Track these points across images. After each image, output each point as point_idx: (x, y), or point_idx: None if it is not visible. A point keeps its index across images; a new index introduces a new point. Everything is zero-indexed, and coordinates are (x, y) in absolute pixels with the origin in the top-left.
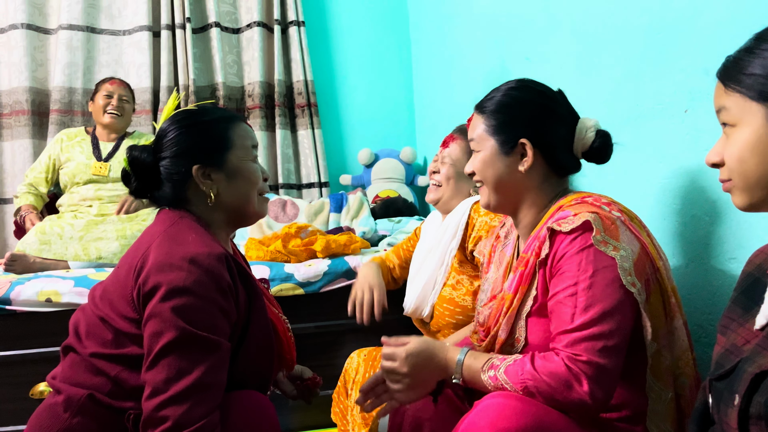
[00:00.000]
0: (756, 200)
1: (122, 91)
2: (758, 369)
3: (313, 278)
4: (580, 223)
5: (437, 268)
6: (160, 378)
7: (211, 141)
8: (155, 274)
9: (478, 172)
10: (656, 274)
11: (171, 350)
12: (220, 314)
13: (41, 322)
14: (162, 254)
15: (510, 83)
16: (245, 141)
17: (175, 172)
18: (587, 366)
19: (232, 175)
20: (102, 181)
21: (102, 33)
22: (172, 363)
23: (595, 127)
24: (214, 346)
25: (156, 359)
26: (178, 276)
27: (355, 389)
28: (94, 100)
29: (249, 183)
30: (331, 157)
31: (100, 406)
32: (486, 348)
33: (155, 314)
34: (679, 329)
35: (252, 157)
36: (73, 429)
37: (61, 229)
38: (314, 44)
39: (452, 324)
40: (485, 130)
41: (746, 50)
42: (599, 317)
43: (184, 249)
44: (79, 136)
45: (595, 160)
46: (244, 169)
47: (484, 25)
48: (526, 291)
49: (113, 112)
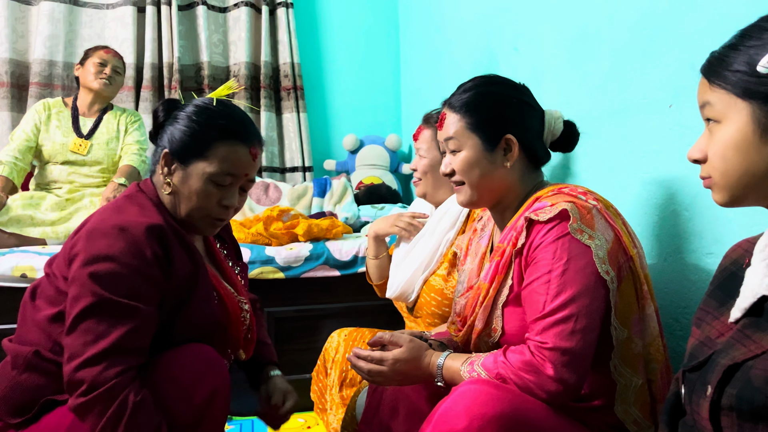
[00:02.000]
0: (736, 197)
1: (116, 62)
2: (731, 361)
3: (294, 262)
4: (557, 212)
5: (431, 254)
6: (78, 342)
7: (193, 140)
8: (83, 240)
9: (461, 173)
10: (629, 262)
11: (87, 315)
12: (143, 281)
13: (16, 297)
14: (98, 221)
15: (479, 80)
16: (224, 165)
17: (158, 143)
18: (552, 352)
19: (186, 180)
20: (78, 163)
21: (85, 6)
22: (89, 327)
23: (561, 117)
24: (132, 310)
25: (74, 324)
26: (102, 243)
27: (335, 368)
28: (83, 65)
29: (193, 198)
30: (315, 141)
31: (45, 361)
32: (463, 338)
33: (74, 279)
34: (650, 316)
35: (220, 180)
36: (22, 384)
37: (33, 209)
38: (302, 27)
39: (437, 314)
40: (465, 127)
41: (730, 46)
42: (568, 301)
43: (119, 218)
44: (56, 108)
45: (562, 149)
46: (199, 186)
47: (472, 14)
48: (502, 281)
49: (104, 79)
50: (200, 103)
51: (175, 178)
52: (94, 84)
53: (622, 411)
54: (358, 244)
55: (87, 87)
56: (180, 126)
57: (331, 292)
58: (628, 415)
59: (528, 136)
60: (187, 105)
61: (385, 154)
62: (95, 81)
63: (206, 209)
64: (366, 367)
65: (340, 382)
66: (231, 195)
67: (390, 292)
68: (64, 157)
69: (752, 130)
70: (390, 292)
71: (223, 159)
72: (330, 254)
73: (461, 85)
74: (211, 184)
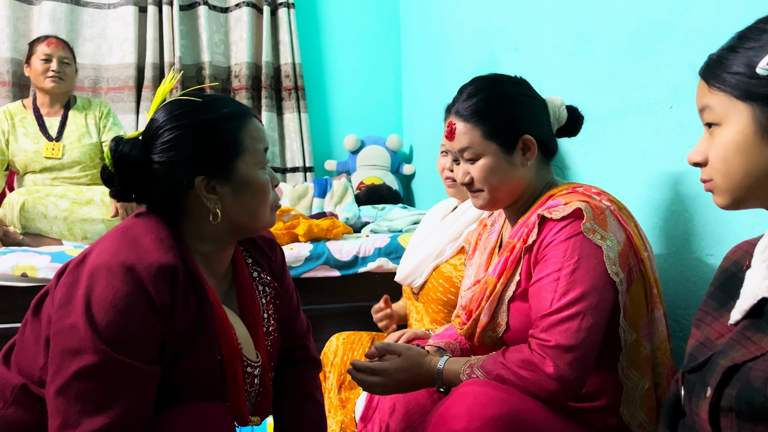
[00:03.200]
0: (737, 200)
1: (61, 53)
2: (730, 362)
3: (294, 262)
4: (570, 210)
5: (446, 244)
6: (74, 410)
7: (218, 146)
8: (85, 278)
9: (481, 181)
10: (640, 265)
11: (87, 376)
12: (150, 334)
13: (16, 296)
14: (106, 255)
15: (481, 83)
16: (257, 144)
17: (173, 180)
18: (554, 350)
19: (240, 188)
20: (57, 168)
21: (86, 6)
22: (88, 392)
23: (563, 104)
24: (138, 373)
25: (69, 383)
26: (107, 284)
27: (334, 372)
28: (30, 63)
29: (259, 196)
30: (316, 141)
31: (32, 397)
32: (467, 331)
33: (74, 326)
34: (659, 319)
35: (263, 163)
36: (7, 419)
37: (44, 207)
38: (303, 27)
39: (442, 301)
40: (482, 135)
41: (729, 49)
42: (576, 299)
43: (130, 253)
44: (18, 114)
45: (568, 134)
46: (255, 180)
47: (473, 14)
48: (510, 276)
49: (54, 76)
50: (178, 109)
51: (223, 197)
52: (45, 84)
53: (628, 414)
54: (358, 245)
55: (40, 88)
56: (191, 148)
57: (331, 292)
58: (634, 418)
59: (541, 132)
60: (163, 126)
61: (386, 155)
62: (45, 80)
63: (268, 200)
64: (367, 379)
65: (338, 385)
66: (271, 171)
67: (398, 276)
68: (40, 164)
69: (753, 132)
70: (398, 275)
71: (254, 140)
72: (330, 254)
73: (463, 90)
74: (262, 171)
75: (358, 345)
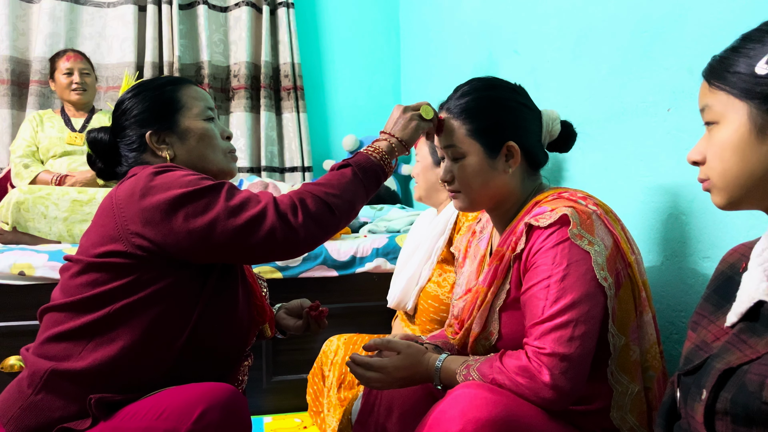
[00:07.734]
0: (735, 199)
1: (81, 65)
2: (726, 365)
3: (291, 262)
4: (557, 217)
5: (423, 262)
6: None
7: (160, 104)
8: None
9: (462, 180)
10: (627, 269)
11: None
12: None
13: (13, 295)
14: (139, 180)
15: (476, 83)
16: (196, 101)
17: (131, 142)
18: (549, 358)
19: (184, 136)
20: (77, 153)
21: (86, 4)
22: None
23: (558, 118)
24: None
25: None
26: (181, 179)
27: (334, 370)
28: (54, 78)
29: (203, 142)
30: (315, 141)
31: (63, 379)
32: (460, 341)
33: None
34: (648, 323)
35: (206, 116)
36: (37, 406)
37: (45, 208)
38: (303, 27)
39: (436, 320)
40: (466, 134)
41: (732, 49)
42: (568, 307)
43: (159, 171)
44: (47, 115)
45: (559, 150)
46: (196, 128)
47: (473, 15)
48: (500, 285)
49: (77, 88)
50: (128, 91)
51: (172, 145)
52: (71, 96)
53: (619, 418)
54: (356, 245)
55: (66, 100)
56: (138, 110)
57: (328, 292)
58: (624, 422)
59: (529, 141)
60: (119, 107)
61: None
62: (70, 93)
63: (219, 145)
64: (365, 374)
65: (338, 384)
66: (222, 126)
67: (390, 302)
68: (62, 149)
69: (749, 130)
70: (390, 302)
71: (192, 98)
72: (328, 254)
73: (458, 89)
74: (204, 122)
75: (359, 346)
